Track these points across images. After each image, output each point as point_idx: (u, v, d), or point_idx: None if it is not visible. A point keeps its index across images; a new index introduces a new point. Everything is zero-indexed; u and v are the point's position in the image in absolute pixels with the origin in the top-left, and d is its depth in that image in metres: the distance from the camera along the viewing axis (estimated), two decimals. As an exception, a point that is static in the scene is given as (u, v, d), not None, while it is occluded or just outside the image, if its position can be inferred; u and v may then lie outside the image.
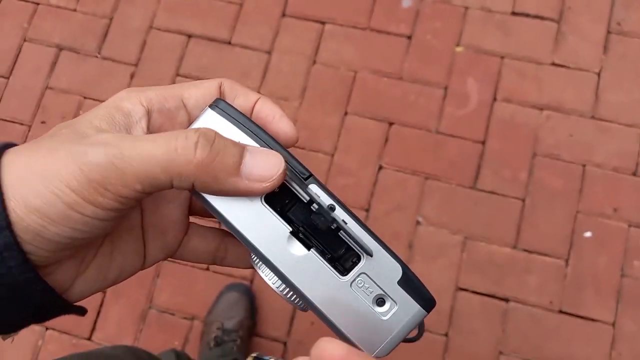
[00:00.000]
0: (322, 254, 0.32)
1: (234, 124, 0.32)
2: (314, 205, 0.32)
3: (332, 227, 0.32)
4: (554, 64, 1.50)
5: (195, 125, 0.33)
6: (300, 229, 0.32)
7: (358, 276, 0.32)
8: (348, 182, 1.44)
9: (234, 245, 0.38)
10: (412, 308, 0.32)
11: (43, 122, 1.55)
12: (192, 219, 0.38)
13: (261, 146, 0.32)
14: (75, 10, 1.65)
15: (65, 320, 1.38)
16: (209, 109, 0.33)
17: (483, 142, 1.45)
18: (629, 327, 1.32)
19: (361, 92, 1.51)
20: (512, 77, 1.49)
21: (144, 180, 0.28)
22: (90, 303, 1.40)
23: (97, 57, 1.60)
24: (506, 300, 1.35)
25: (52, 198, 0.27)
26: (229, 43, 1.58)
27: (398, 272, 0.32)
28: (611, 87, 1.47)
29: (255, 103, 0.36)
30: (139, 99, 0.33)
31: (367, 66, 1.53)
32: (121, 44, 1.61)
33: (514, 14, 1.54)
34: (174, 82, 1.55)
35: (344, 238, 0.32)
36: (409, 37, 1.54)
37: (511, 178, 1.42)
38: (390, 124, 1.48)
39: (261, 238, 0.32)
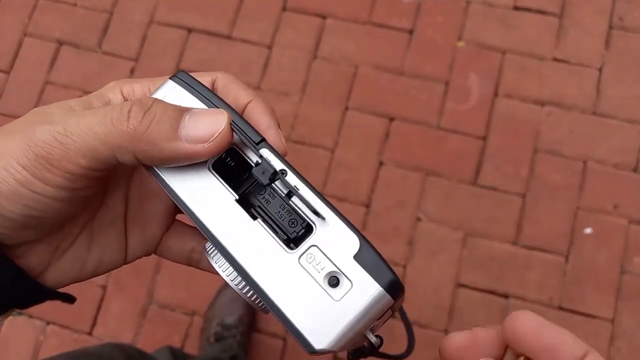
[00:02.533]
0: (269, 224, 0.28)
1: (193, 94, 0.31)
2: (258, 163, 0.29)
3: (280, 191, 0.28)
4: (555, 59, 1.49)
5: (153, 95, 0.32)
6: (248, 196, 0.29)
7: (308, 249, 0.27)
8: (348, 178, 1.44)
9: None
10: (371, 289, 0.26)
11: (43, 117, 1.55)
12: (179, 217, 0.37)
13: None
14: (75, 4, 1.64)
15: (66, 315, 1.38)
16: (169, 80, 0.32)
17: (484, 138, 1.45)
18: (628, 323, 1.32)
19: (362, 87, 1.51)
20: (513, 73, 1.49)
21: (87, 155, 0.28)
22: (90, 298, 1.41)
23: (97, 51, 1.60)
24: (506, 296, 1.35)
25: (5, 175, 0.28)
26: (230, 37, 1.58)
27: (355, 244, 0.27)
28: (613, 83, 1.46)
29: (247, 105, 0.34)
30: (120, 89, 0.33)
31: (368, 61, 1.52)
32: (121, 38, 1.60)
33: (515, 8, 1.53)
34: (174, 77, 1.55)
35: (294, 206, 0.28)
36: (410, 32, 1.54)
37: (512, 174, 1.42)
38: (391, 119, 1.47)
39: (204, 207, 0.29)
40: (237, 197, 0.29)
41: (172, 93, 0.31)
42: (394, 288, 0.26)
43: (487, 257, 1.37)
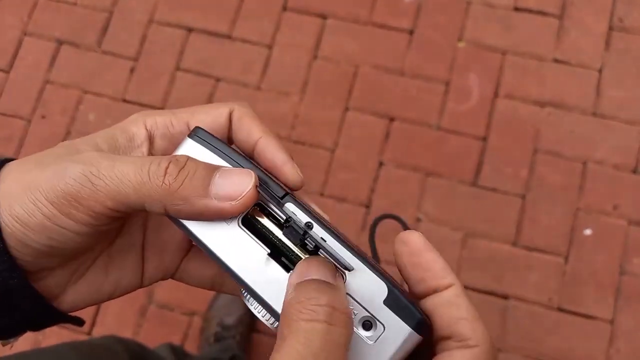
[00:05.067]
0: None
1: (212, 151, 0.32)
2: (287, 223, 0.30)
3: (309, 245, 0.30)
4: (555, 60, 1.49)
5: (177, 153, 0.33)
6: (279, 250, 0.31)
7: None
8: (348, 178, 1.43)
9: None
10: (403, 331, 0.28)
11: (43, 117, 1.55)
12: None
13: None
14: (75, 3, 1.64)
15: (65, 315, 1.38)
16: (188, 138, 0.33)
17: (484, 139, 1.45)
18: (627, 324, 1.32)
19: (362, 87, 1.50)
20: (513, 73, 1.49)
21: (116, 199, 0.29)
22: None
23: (97, 51, 1.60)
24: (506, 297, 1.35)
25: (32, 208, 0.29)
26: (230, 37, 1.57)
27: (384, 290, 0.29)
28: (612, 84, 1.46)
29: (258, 141, 0.35)
30: (144, 122, 0.34)
31: (368, 61, 1.52)
32: (121, 37, 1.60)
33: (516, 9, 1.53)
34: (173, 77, 1.55)
35: (323, 256, 0.30)
36: (411, 32, 1.54)
37: (512, 175, 1.42)
38: (392, 119, 1.47)
39: (239, 262, 0.31)
40: (269, 251, 0.31)
41: (194, 151, 0.32)
42: (422, 327, 0.29)
43: (487, 258, 1.37)
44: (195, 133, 0.33)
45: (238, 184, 0.29)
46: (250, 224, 0.31)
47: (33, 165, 0.30)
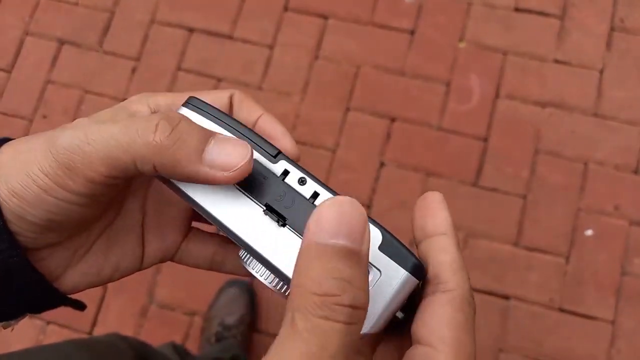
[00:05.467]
0: (298, 228, 0.30)
1: (207, 118, 0.31)
2: (279, 177, 0.30)
3: (304, 196, 0.30)
4: (556, 61, 1.49)
5: None
6: (274, 205, 0.30)
7: None
8: (350, 178, 1.43)
9: (233, 252, 0.38)
10: (399, 274, 0.28)
11: (44, 117, 1.55)
12: (194, 224, 0.38)
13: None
14: (77, 3, 1.64)
15: (66, 315, 1.38)
16: (183, 107, 0.32)
17: (485, 139, 1.45)
18: (628, 325, 1.32)
19: (363, 88, 1.51)
20: (514, 74, 1.49)
21: (107, 162, 0.28)
22: (91, 297, 1.41)
23: (98, 51, 1.60)
24: (506, 297, 1.35)
25: (28, 182, 0.28)
26: (231, 37, 1.58)
27: (378, 236, 0.29)
28: (614, 84, 1.46)
29: (258, 119, 0.36)
30: (147, 102, 0.34)
31: (369, 61, 1.52)
32: (123, 37, 1.60)
33: (517, 9, 1.53)
34: (175, 77, 1.55)
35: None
36: (412, 32, 1.54)
37: (513, 175, 1.42)
38: (393, 119, 1.47)
39: (236, 221, 0.30)
40: (264, 208, 0.30)
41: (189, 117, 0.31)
42: (417, 270, 0.29)
43: (488, 258, 1.37)
44: (189, 101, 0.32)
45: (233, 155, 0.28)
46: (245, 182, 0.30)
47: (30, 138, 0.30)
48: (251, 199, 0.30)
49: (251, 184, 0.31)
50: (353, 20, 1.56)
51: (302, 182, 0.30)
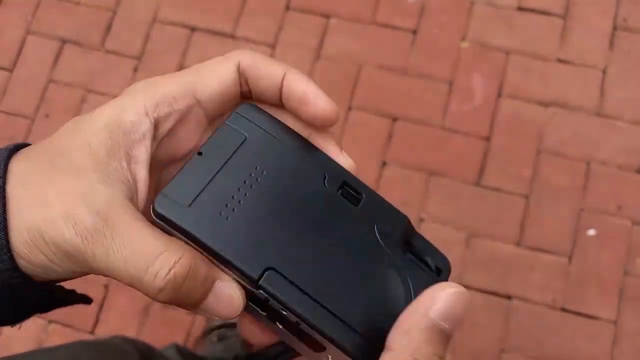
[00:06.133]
0: None
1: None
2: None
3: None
4: (559, 60, 1.49)
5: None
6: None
7: None
8: (351, 178, 1.43)
9: None
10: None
11: (47, 116, 1.55)
12: None
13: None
14: (79, 3, 1.64)
15: (68, 314, 1.38)
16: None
17: (488, 139, 1.44)
18: (631, 325, 1.32)
19: (365, 87, 1.50)
20: (517, 73, 1.49)
21: (109, 275, 0.29)
22: (93, 296, 1.40)
23: (100, 50, 1.60)
24: (509, 297, 1.34)
25: (34, 250, 0.29)
26: (233, 36, 1.57)
27: None
28: (617, 84, 1.46)
29: (283, 80, 0.34)
30: (144, 107, 0.32)
31: (371, 61, 1.52)
32: (125, 37, 1.60)
33: (519, 9, 1.52)
34: (177, 76, 1.55)
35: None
36: (414, 32, 1.54)
37: (515, 175, 1.41)
38: (395, 119, 1.47)
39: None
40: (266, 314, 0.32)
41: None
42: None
43: (490, 258, 1.37)
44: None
45: (228, 310, 0.30)
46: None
47: (45, 168, 0.30)
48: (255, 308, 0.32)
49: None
50: (355, 20, 1.56)
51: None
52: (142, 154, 0.31)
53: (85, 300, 0.36)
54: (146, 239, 0.28)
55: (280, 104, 0.35)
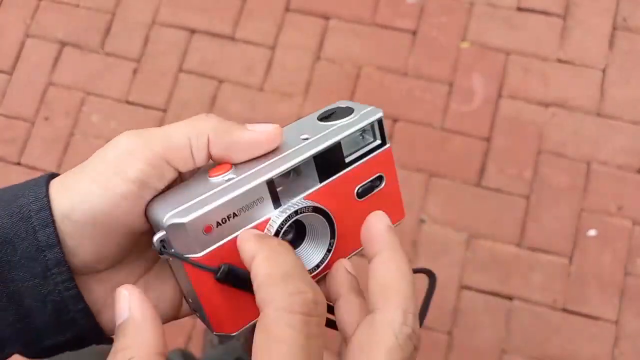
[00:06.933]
0: None
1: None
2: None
3: None
4: (559, 60, 1.49)
5: None
6: None
7: None
8: (352, 179, 1.43)
9: None
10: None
11: (46, 118, 1.54)
12: None
13: None
14: (78, 5, 1.64)
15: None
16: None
17: (488, 139, 1.44)
18: (631, 325, 1.32)
19: (366, 88, 1.50)
20: (517, 73, 1.49)
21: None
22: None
23: (100, 52, 1.60)
24: (510, 298, 1.35)
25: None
26: (233, 38, 1.57)
27: None
28: (617, 84, 1.46)
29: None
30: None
31: (371, 62, 1.52)
32: (124, 39, 1.60)
33: (519, 9, 1.52)
34: (176, 79, 1.55)
35: None
36: (414, 33, 1.53)
37: (516, 175, 1.41)
38: (395, 120, 1.47)
39: None
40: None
41: None
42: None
43: (491, 259, 1.37)
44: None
45: (265, 126, 0.34)
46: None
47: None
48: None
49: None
50: (355, 21, 1.55)
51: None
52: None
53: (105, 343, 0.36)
54: None
55: None
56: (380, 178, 0.37)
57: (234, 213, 0.31)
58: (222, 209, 0.31)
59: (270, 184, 0.32)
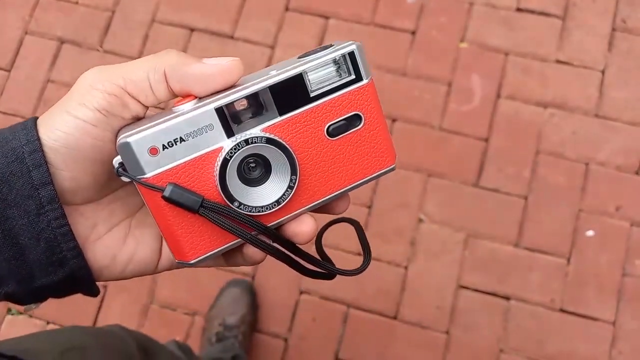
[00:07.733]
0: None
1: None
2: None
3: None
4: (558, 61, 1.49)
5: None
6: None
7: None
8: (350, 179, 1.43)
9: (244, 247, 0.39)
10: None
11: (45, 116, 1.54)
12: None
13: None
14: (77, 3, 1.63)
15: (66, 315, 1.38)
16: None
17: (486, 139, 1.44)
18: (629, 326, 1.32)
19: (364, 88, 1.50)
20: (516, 74, 1.49)
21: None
22: (93, 298, 1.41)
23: (99, 50, 1.59)
24: (508, 298, 1.35)
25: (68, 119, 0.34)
26: (232, 37, 1.57)
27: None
28: (615, 85, 1.46)
29: None
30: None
31: (370, 61, 1.51)
32: (123, 37, 1.60)
33: (518, 10, 1.53)
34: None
35: None
36: (413, 33, 1.54)
37: (514, 176, 1.41)
38: (394, 120, 1.47)
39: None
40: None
41: None
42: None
43: (489, 259, 1.37)
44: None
45: (222, 59, 0.35)
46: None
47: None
48: None
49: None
50: (354, 20, 1.55)
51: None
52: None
53: (94, 291, 0.38)
54: None
55: None
56: (357, 117, 0.36)
57: (180, 137, 0.33)
58: (166, 133, 0.32)
59: (220, 111, 0.33)
